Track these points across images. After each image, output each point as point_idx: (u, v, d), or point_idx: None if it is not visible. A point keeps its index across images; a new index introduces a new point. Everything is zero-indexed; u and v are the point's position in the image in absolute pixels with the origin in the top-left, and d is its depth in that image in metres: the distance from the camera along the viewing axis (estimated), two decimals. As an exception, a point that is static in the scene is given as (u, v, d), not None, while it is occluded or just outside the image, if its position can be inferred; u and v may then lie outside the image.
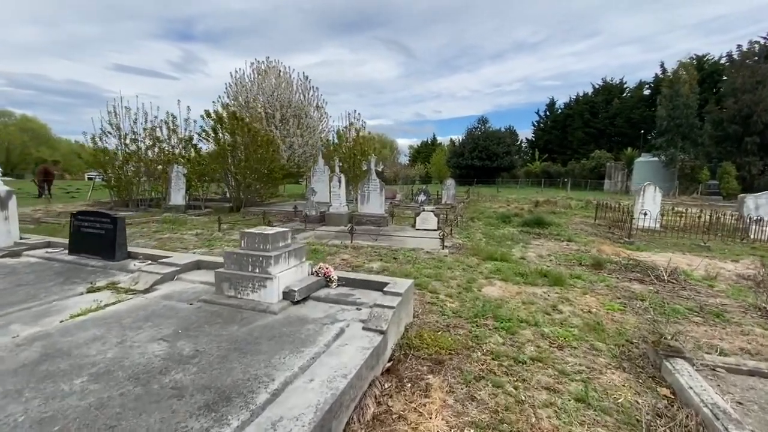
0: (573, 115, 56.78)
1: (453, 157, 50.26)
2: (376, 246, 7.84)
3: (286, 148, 22.95)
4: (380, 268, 6.14)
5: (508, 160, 47.37)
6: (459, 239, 9.04)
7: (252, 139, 13.00)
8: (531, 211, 15.22)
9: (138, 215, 12.13)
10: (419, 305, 4.57)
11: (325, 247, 7.67)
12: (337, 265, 6.23)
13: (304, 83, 24.77)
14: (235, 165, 12.97)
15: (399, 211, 15.23)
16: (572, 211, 15.86)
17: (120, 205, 14.46)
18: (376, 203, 10.98)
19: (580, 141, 54.52)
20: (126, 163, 13.70)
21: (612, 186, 33.82)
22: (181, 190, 13.29)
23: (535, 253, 7.77)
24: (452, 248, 7.84)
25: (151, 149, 14.20)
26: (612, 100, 54.54)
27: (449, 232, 9.34)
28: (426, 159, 65.16)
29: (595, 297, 5.12)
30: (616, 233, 10.75)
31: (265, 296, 3.65)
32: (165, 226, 10.09)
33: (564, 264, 6.90)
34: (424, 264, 6.43)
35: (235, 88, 23.30)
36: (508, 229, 10.96)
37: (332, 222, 10.95)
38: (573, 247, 8.57)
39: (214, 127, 12.69)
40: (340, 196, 11.03)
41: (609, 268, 6.61)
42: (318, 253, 7.00)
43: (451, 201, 18.16)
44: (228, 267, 3.86)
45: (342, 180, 11.09)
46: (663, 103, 27.74)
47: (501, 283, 5.55)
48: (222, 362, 2.64)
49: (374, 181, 10.95)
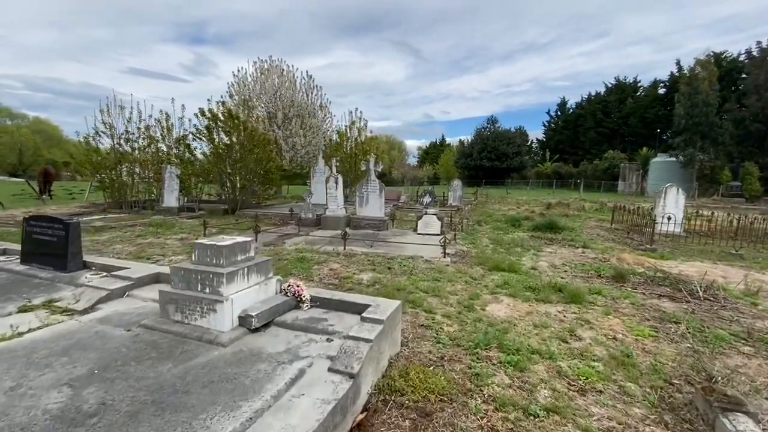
0: (585, 115, 55.47)
1: (461, 158, 49.32)
2: (371, 253, 7.14)
3: (289, 149, 22.40)
4: (371, 280, 5.43)
5: (518, 160, 46.29)
6: (463, 245, 8.29)
7: (248, 138, 12.42)
8: (543, 214, 14.38)
9: (128, 217, 11.61)
10: (410, 328, 3.86)
11: (314, 254, 7.00)
12: (323, 277, 5.54)
13: (308, 82, 24.19)
14: (230, 165, 12.40)
15: (402, 214, 14.52)
16: (586, 214, 14.98)
17: (114, 207, 13.99)
18: (376, 206, 10.28)
19: (592, 141, 53.22)
20: (119, 163, 13.22)
21: (626, 187, 32.63)
22: (174, 192, 12.76)
23: (548, 262, 6.99)
24: (455, 256, 7.10)
25: (144, 150, 13.71)
26: (625, 100, 53.14)
27: (453, 238, 8.60)
28: (434, 160, 64.30)
29: (620, 318, 4.35)
30: (635, 239, 9.91)
31: (214, 323, 2.98)
32: (151, 229, 9.52)
33: (581, 276, 6.12)
34: (421, 275, 5.71)
35: (236, 87, 22.80)
36: (518, 233, 10.17)
37: (328, 226, 10.28)
38: (589, 255, 7.76)
39: (208, 125, 12.13)
40: (337, 198, 10.35)
41: (633, 280, 5.82)
42: (304, 262, 6.32)
43: (458, 203, 17.38)
44: (175, 285, 3.20)
45: (339, 181, 10.42)
46: (681, 101, 26.54)
47: (509, 300, 4.80)
48: (127, 424, 1.96)
49: (373, 182, 10.26)
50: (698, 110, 25.42)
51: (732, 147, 25.83)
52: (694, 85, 26.06)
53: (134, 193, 13.71)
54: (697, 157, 26.19)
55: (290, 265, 6.08)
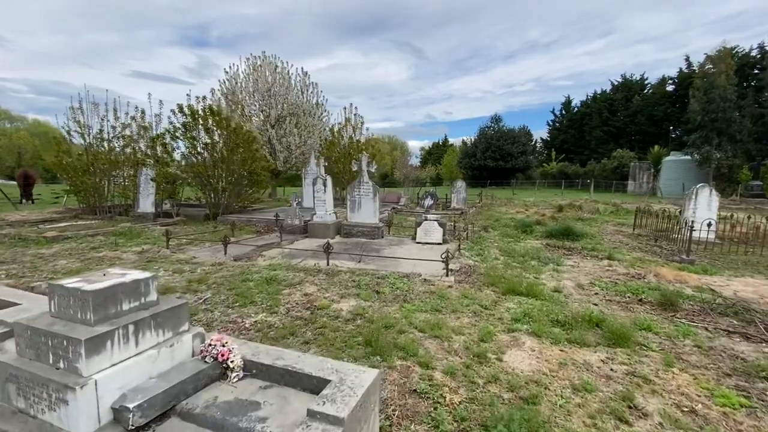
0: (590, 114, 54.17)
1: (464, 158, 48.00)
2: (359, 270, 5.96)
3: (283, 149, 21.28)
4: (352, 311, 4.25)
5: (523, 160, 44.93)
6: (469, 257, 7.10)
7: (229, 137, 11.27)
8: (554, 217, 13.15)
9: (96, 225, 10.50)
10: (398, 397, 2.68)
11: (290, 272, 5.82)
12: (292, 307, 4.36)
13: (303, 79, 23.05)
14: (210, 166, 11.27)
15: (401, 218, 13.34)
16: (602, 217, 13.73)
17: (88, 213, 12.89)
18: (369, 211, 9.11)
19: (599, 140, 51.93)
20: (91, 165, 12.11)
21: (636, 187, 31.27)
22: (150, 196, 11.62)
23: (572, 280, 5.78)
24: (460, 273, 5.91)
25: (121, 150, 12.61)
26: (632, 98, 51.83)
27: (456, 248, 7.40)
28: (437, 160, 63.12)
29: (689, 372, 3.15)
30: (664, 247, 8.69)
31: (66, 420, 1.81)
32: (112, 239, 8.39)
33: (617, 300, 4.91)
34: (417, 303, 4.52)
35: (227, 84, 21.70)
36: (531, 241, 8.97)
37: (316, 233, 9.11)
38: (619, 269, 6.55)
39: (185, 123, 11.00)
40: (326, 202, 9.18)
41: (685, 307, 4.61)
42: (273, 284, 5.14)
43: (461, 205, 16.19)
44: (22, 352, 2.04)
45: (328, 183, 9.24)
46: (696, 96, 25.16)
47: (532, 342, 3.61)
48: None
49: (366, 184, 9.09)
50: (715, 106, 24.07)
51: (751, 144, 24.46)
52: (710, 79, 24.72)
53: (109, 198, 12.59)
54: (713, 155, 24.82)
55: (254, 289, 4.91)
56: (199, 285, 5.15)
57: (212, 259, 6.66)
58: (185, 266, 6.17)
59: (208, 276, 5.57)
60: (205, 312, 4.21)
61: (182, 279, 5.43)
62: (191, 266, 6.17)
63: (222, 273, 5.72)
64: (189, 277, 5.54)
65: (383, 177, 56.75)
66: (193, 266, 6.17)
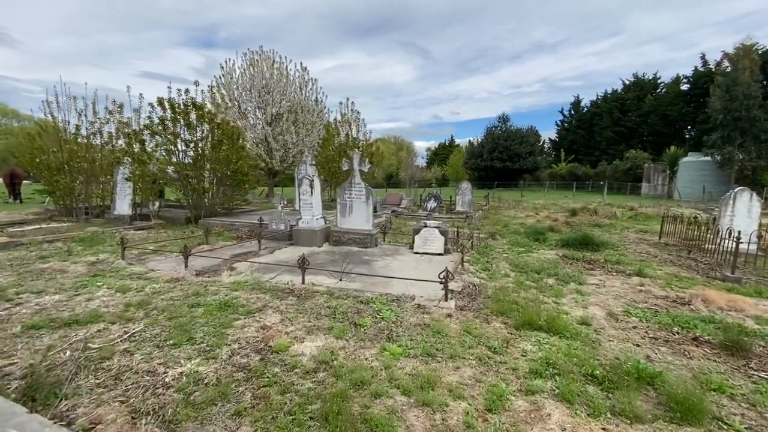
0: (601, 114, 52.76)
1: (471, 158, 46.69)
2: (340, 291, 4.92)
3: (279, 147, 20.31)
4: (317, 356, 3.20)
5: (531, 161, 43.56)
6: (474, 272, 6.03)
7: (212, 132, 10.29)
8: (568, 222, 12.01)
9: (65, 228, 9.57)
10: None
11: (254, 293, 4.79)
12: (239, 348, 3.33)
13: (302, 75, 22.05)
14: (191, 165, 10.29)
15: (401, 223, 12.28)
16: (620, 223, 12.56)
17: (63, 214, 11.99)
18: (361, 216, 8.06)
19: (609, 141, 50.55)
20: (66, 163, 11.20)
21: (651, 190, 29.85)
22: (127, 197, 10.67)
23: (601, 305, 4.69)
24: (462, 295, 4.85)
25: (102, 147, 11.68)
26: (644, 97, 50.36)
27: (460, 261, 6.33)
28: (443, 161, 61.96)
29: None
30: (699, 260, 7.54)
31: None
32: (72, 246, 7.43)
33: (664, 338, 3.82)
34: (406, 342, 3.47)
35: (223, 80, 20.79)
36: (545, 252, 7.86)
37: (301, 241, 8.09)
38: (654, 289, 5.44)
39: (162, 117, 10.02)
40: (313, 206, 8.14)
41: (757, 351, 3.51)
42: (227, 311, 4.11)
43: (467, 208, 15.08)
44: None
45: (315, 184, 8.20)
46: (717, 93, 23.73)
47: (561, 412, 2.54)
48: None
49: (358, 185, 8.05)
50: (738, 104, 22.65)
51: (776, 145, 23.03)
52: (732, 75, 23.31)
53: (84, 198, 11.65)
54: (736, 156, 23.39)
55: (201, 319, 3.89)
56: (137, 311, 4.14)
57: (172, 273, 5.65)
58: (134, 283, 5.17)
59: (153, 298, 4.55)
60: (123, 354, 3.19)
61: (120, 302, 4.42)
62: (141, 283, 5.17)
63: (172, 294, 4.71)
64: (130, 299, 4.53)
65: (388, 177, 55.66)
66: (143, 283, 5.17)
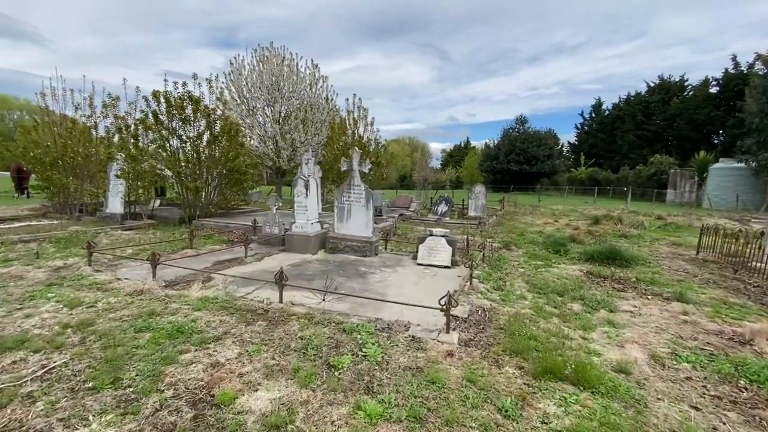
0: (623, 117, 50.96)
1: (486, 160, 45.43)
2: (322, 313, 4.14)
3: (287, 146, 19.70)
4: (269, 413, 2.42)
5: (549, 164, 42.10)
6: (485, 292, 5.18)
7: (209, 127, 9.64)
8: (591, 232, 11.00)
9: (51, 226, 9.06)
10: None
11: (219, 315, 4.05)
12: (170, 398, 2.57)
13: (313, 72, 21.40)
14: (184, 161, 9.68)
15: (408, 227, 11.45)
16: (648, 234, 11.47)
17: (57, 211, 11.55)
18: (360, 221, 7.28)
19: (631, 145, 48.79)
20: (60, 158, 10.74)
21: (677, 197, 28.23)
22: (119, 195, 10.13)
23: (640, 342, 3.80)
24: (468, 325, 4.01)
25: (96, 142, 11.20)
26: (670, 100, 48.44)
27: (468, 278, 5.48)
28: (458, 163, 60.82)
29: None
30: (748, 281, 6.52)
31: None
32: (42, 248, 6.84)
33: (730, 396, 2.92)
34: (390, 396, 2.66)
35: (231, 76, 20.30)
36: (566, 266, 6.95)
37: (294, 247, 7.35)
38: (701, 320, 4.50)
39: (155, 112, 9.42)
40: (308, 209, 7.39)
41: None
42: (179, 339, 3.37)
43: (480, 213, 14.16)
44: None
45: (311, 185, 7.45)
46: (753, 95, 22.16)
47: None
48: None
49: (357, 187, 7.27)
50: (776, 107, 21.06)
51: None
52: (771, 75, 21.68)
53: (78, 195, 11.17)
54: (774, 163, 21.69)
55: (142, 351, 3.16)
56: (73, 335, 3.44)
57: (138, 283, 4.97)
58: (90, 295, 4.49)
59: (100, 317, 3.86)
60: (23, 402, 2.47)
61: (61, 321, 3.73)
62: (98, 296, 4.49)
63: (124, 312, 4.00)
64: (75, 317, 3.84)
65: (401, 179, 54.78)
66: (100, 296, 4.49)
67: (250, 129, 19.67)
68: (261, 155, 19.62)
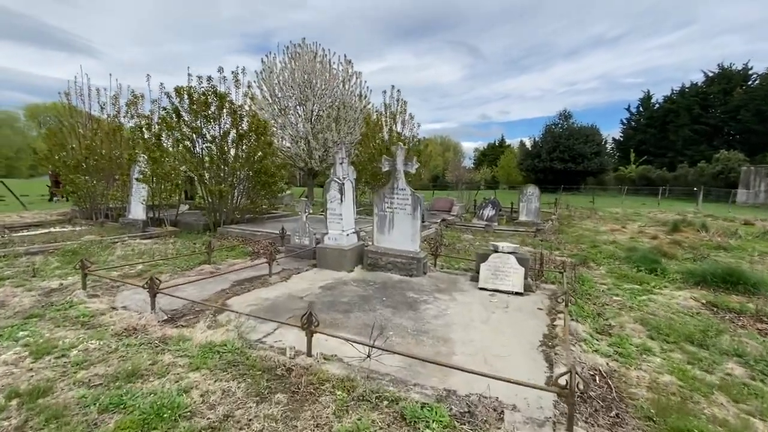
0: (677, 110, 46.91)
1: (527, 159, 42.99)
2: (366, 377, 2.91)
3: (319, 146, 18.74)
4: None
5: (597, 162, 39.11)
6: (587, 337, 3.77)
7: (234, 124, 8.70)
8: (677, 242, 9.20)
9: (70, 234, 8.41)
10: None
11: (223, 380, 2.89)
12: None
13: (346, 68, 20.34)
14: (207, 162, 8.79)
15: (453, 235, 10.08)
16: (749, 245, 9.50)
17: (84, 217, 11.03)
18: (406, 232, 6.01)
19: (687, 140, 44.77)
20: (84, 161, 10.18)
21: (750, 197, 25.12)
22: (141, 200, 9.39)
23: None
24: (593, 410, 2.64)
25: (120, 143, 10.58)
26: (732, 90, 44.21)
27: (553, 312, 4.08)
28: (492, 162, 58.38)
29: None
30: None
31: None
32: (40, 264, 6.03)
33: None
34: None
35: (263, 75, 19.59)
36: (671, 293, 5.38)
37: (327, 262, 6.19)
38: None
39: (176, 108, 8.57)
40: (342, 217, 6.21)
41: None
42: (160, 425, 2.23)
43: (534, 218, 12.55)
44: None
45: (346, 189, 6.26)
46: None
47: None
48: None
49: (402, 191, 6.00)
50: None
51: None
52: None
53: (105, 200, 10.58)
54: None
55: None
56: (14, 415, 2.39)
57: (133, 316, 3.93)
58: (69, 336, 3.48)
59: (63, 378, 2.80)
60: None
61: (11, 382, 2.71)
62: (78, 336, 3.47)
63: (98, 370, 2.93)
64: (34, 376, 2.82)
65: (434, 179, 53.07)
66: (81, 336, 3.47)
67: (282, 129, 18.90)
68: (293, 156, 18.80)
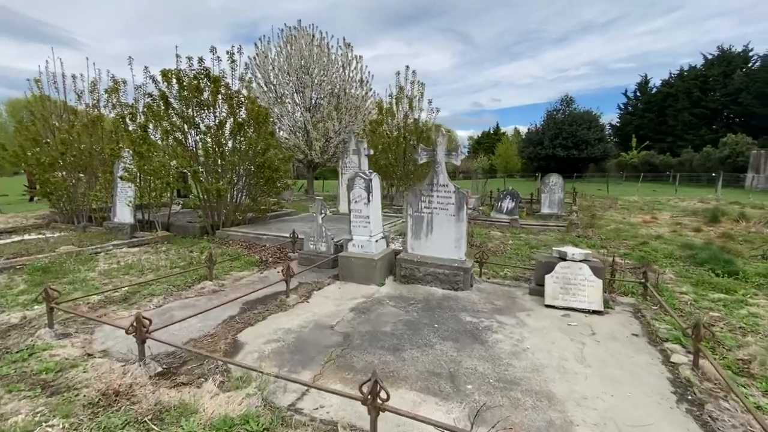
0: (676, 94, 46.09)
1: (528, 146, 42.02)
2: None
3: (319, 137, 17.59)
4: None
5: (600, 148, 38.27)
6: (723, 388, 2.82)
7: (231, 112, 7.57)
8: (730, 236, 8.32)
9: (35, 244, 7.28)
10: None
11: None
12: None
13: (345, 52, 19.09)
14: (203, 156, 7.68)
15: (480, 231, 9.10)
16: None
17: (63, 220, 9.84)
18: (449, 237, 5.01)
19: (686, 124, 44.08)
20: (61, 156, 8.98)
21: (761, 182, 24.50)
22: (127, 201, 8.24)
23: None
24: None
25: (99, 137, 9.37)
26: (732, 73, 43.46)
27: (653, 342, 3.12)
28: (488, 150, 57.43)
29: None
30: None
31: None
32: (11, 280, 4.94)
33: None
34: None
35: (257, 60, 18.28)
36: (759, 300, 4.46)
37: (351, 273, 5.18)
38: None
39: (163, 94, 7.38)
40: (369, 220, 5.20)
41: None
42: None
43: (557, 210, 11.62)
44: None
45: (373, 186, 5.23)
46: None
47: None
48: None
49: (444, 188, 4.98)
50: None
51: None
52: None
53: (87, 201, 9.39)
54: None
55: None
56: None
57: (115, 368, 2.90)
58: (26, 409, 2.45)
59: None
60: None
61: None
62: (40, 409, 2.44)
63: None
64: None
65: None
66: (44, 408, 2.44)
67: (278, 119, 17.70)
68: (291, 147, 17.64)
